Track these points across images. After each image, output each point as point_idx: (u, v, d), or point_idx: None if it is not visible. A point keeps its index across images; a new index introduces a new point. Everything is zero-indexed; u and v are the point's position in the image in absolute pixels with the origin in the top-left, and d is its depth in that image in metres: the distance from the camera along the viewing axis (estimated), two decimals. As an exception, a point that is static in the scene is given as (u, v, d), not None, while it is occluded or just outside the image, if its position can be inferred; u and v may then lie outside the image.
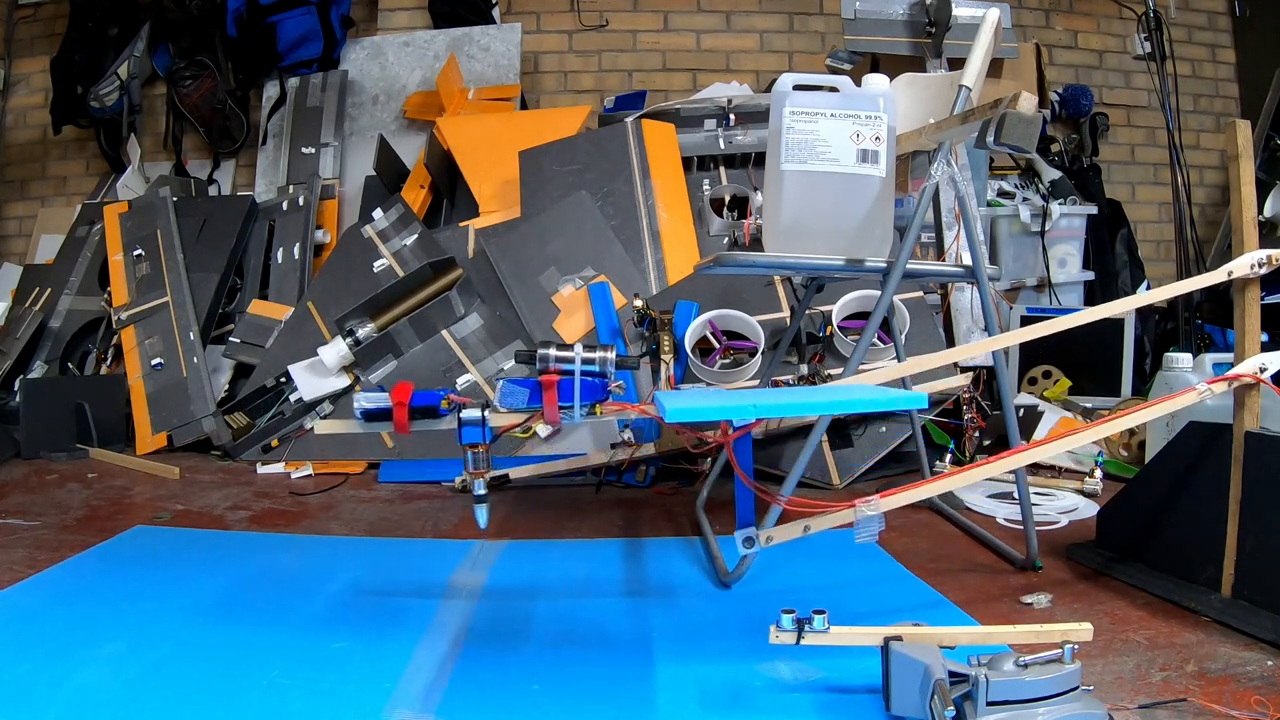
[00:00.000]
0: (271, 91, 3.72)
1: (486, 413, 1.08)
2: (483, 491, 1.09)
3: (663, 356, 2.35)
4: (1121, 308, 1.50)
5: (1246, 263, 1.30)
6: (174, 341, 2.87)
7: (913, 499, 1.18)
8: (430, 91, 3.60)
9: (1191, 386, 1.26)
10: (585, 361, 1.14)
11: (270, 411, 2.60)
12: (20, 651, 1.16)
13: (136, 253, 3.09)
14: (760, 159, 2.38)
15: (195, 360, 2.81)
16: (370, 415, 1.11)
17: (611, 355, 1.16)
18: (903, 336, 2.19)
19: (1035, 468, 2.27)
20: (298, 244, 3.18)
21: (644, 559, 1.63)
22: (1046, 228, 3.29)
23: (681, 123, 2.97)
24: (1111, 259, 3.62)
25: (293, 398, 2.58)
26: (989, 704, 0.86)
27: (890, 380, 1.58)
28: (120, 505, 2.07)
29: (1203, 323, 3.16)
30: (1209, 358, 2.24)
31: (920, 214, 1.50)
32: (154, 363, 2.84)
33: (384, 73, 3.75)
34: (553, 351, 1.16)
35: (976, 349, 1.44)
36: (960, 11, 2.89)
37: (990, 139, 1.35)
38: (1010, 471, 1.36)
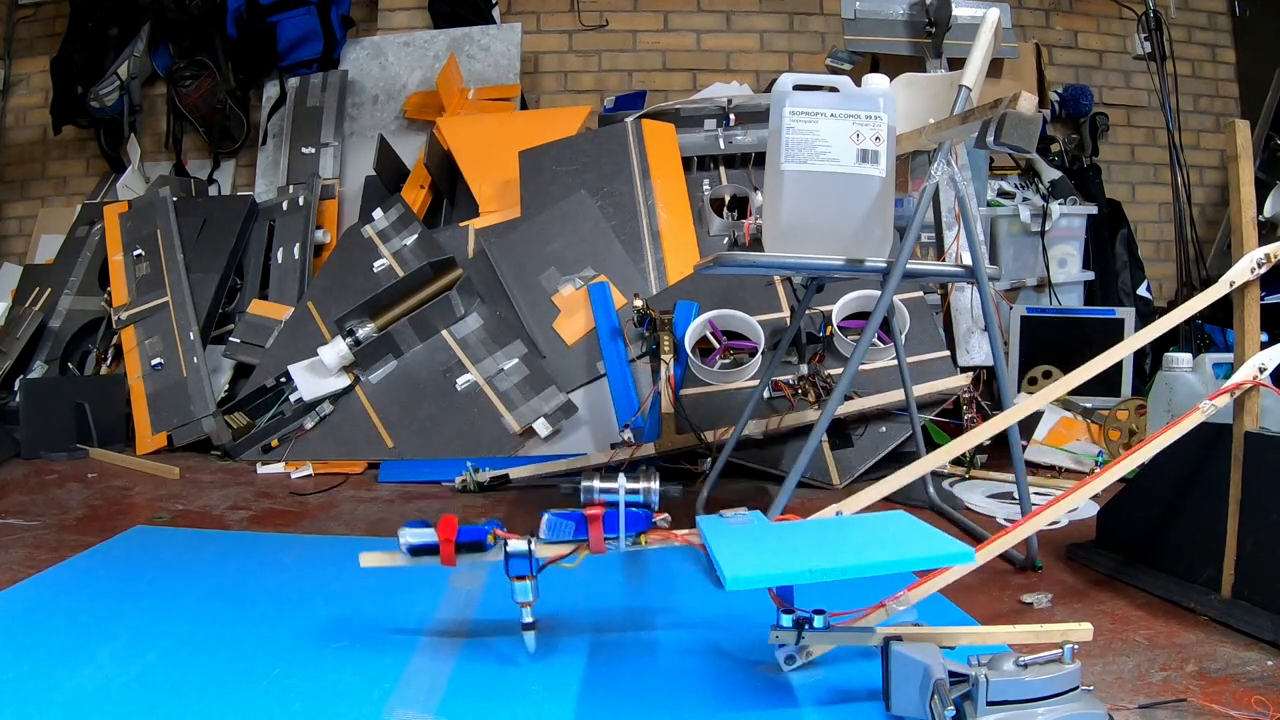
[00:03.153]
0: (271, 91, 3.73)
1: (533, 545, 1.09)
2: (530, 620, 1.11)
3: (663, 356, 2.36)
4: (1146, 338, 1.47)
5: (1246, 265, 1.29)
6: (174, 341, 2.87)
7: (940, 585, 1.15)
8: (430, 91, 3.60)
9: (1196, 407, 1.25)
10: (630, 492, 1.16)
11: (270, 411, 2.60)
12: (20, 651, 1.16)
13: (136, 253, 3.09)
14: (760, 159, 2.38)
15: (195, 360, 2.81)
16: (416, 550, 1.13)
17: (655, 485, 1.18)
18: (903, 336, 2.20)
19: (1035, 468, 2.27)
20: (298, 244, 3.18)
21: (643, 559, 1.63)
22: (1046, 228, 3.29)
23: (681, 123, 2.97)
24: (1111, 259, 3.62)
25: (293, 398, 2.58)
26: (989, 704, 0.86)
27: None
28: (120, 505, 2.07)
29: (1202, 323, 3.16)
30: (1209, 358, 2.24)
31: (920, 214, 1.50)
32: (154, 363, 2.84)
33: (384, 73, 3.75)
34: (597, 484, 1.18)
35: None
36: (960, 11, 2.89)
37: (990, 139, 1.35)
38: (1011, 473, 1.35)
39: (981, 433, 1.41)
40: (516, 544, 1.10)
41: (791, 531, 1.13)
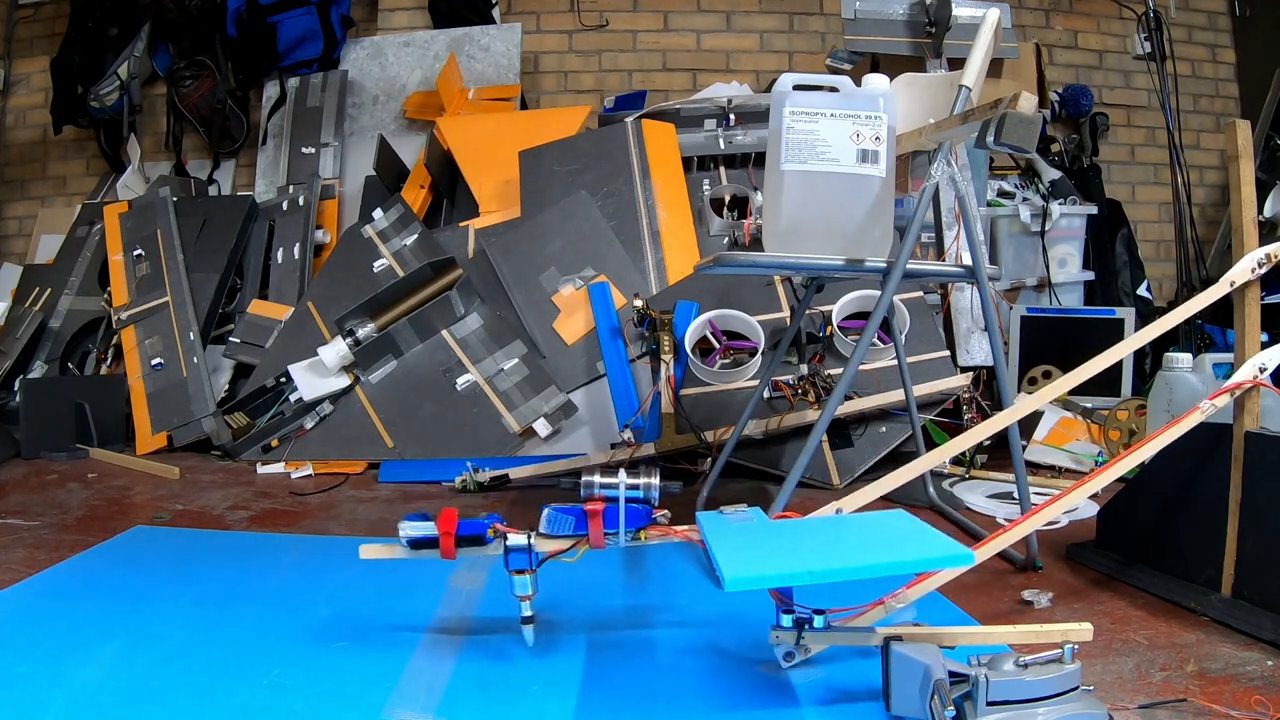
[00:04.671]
0: (271, 91, 3.73)
1: (533, 540, 1.10)
2: (529, 614, 1.12)
3: (663, 356, 2.36)
4: (1146, 338, 1.47)
5: (1246, 265, 1.29)
6: (174, 341, 2.87)
7: (938, 583, 1.14)
8: (430, 91, 3.60)
9: (1196, 407, 1.25)
10: (630, 488, 1.16)
11: (270, 411, 2.60)
12: (20, 651, 1.16)
13: (136, 253, 3.09)
14: (760, 159, 2.38)
15: (195, 360, 2.81)
16: (416, 544, 1.13)
17: (656, 481, 1.18)
18: (903, 336, 2.20)
19: (1035, 468, 2.27)
20: (298, 244, 3.18)
21: (643, 559, 1.63)
22: (1046, 228, 3.29)
23: (681, 123, 2.97)
24: (1111, 259, 3.62)
25: (293, 398, 2.58)
26: (989, 704, 0.86)
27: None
28: (120, 505, 2.07)
29: (1202, 323, 3.16)
30: (1209, 358, 2.24)
31: (920, 214, 1.50)
32: (154, 363, 2.84)
33: (384, 73, 3.75)
34: (597, 479, 1.18)
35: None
36: (960, 11, 2.89)
37: (990, 139, 1.35)
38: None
39: (981, 431, 1.41)
40: (516, 538, 1.10)
41: (790, 530, 1.12)
